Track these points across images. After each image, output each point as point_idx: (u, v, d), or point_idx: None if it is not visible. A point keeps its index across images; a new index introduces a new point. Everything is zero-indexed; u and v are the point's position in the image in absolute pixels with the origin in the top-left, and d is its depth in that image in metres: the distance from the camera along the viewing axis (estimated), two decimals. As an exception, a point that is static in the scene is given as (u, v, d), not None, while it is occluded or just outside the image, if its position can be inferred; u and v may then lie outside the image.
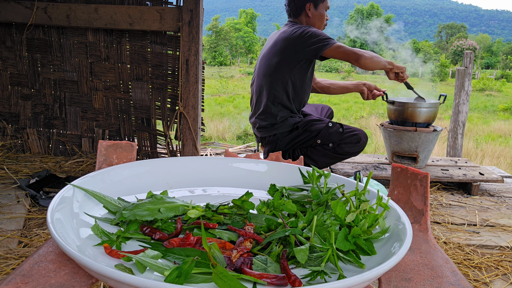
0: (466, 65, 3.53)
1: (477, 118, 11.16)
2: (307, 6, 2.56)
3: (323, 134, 2.53)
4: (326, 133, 2.53)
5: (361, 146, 2.59)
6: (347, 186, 0.88)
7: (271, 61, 2.55)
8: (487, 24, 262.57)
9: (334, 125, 2.55)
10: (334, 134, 2.53)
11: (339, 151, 2.56)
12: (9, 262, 1.61)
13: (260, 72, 2.63)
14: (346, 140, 2.55)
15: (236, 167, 1.02)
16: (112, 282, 0.52)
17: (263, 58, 2.64)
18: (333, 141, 2.54)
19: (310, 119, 2.59)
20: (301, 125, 2.57)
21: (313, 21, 2.60)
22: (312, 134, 2.55)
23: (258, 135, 2.71)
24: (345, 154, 2.59)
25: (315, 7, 2.58)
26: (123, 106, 3.01)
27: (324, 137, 2.53)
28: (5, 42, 3.00)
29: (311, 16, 2.58)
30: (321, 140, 2.54)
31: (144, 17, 2.75)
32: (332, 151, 2.57)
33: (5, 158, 2.95)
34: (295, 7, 2.59)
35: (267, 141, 2.68)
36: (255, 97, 2.70)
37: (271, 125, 2.61)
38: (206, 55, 44.87)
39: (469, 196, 2.74)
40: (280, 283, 0.56)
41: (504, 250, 1.97)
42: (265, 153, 2.74)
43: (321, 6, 2.59)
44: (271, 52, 2.57)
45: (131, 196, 0.87)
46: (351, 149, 2.58)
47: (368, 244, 0.67)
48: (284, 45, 2.49)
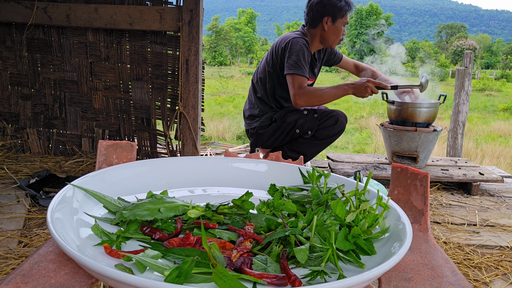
0: (466, 65, 3.53)
1: (477, 118, 11.16)
2: (324, 19, 2.54)
3: (300, 123, 2.57)
4: (303, 121, 2.56)
5: (340, 126, 2.61)
6: (347, 186, 0.88)
7: (267, 58, 2.69)
8: (487, 24, 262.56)
9: (309, 112, 2.58)
10: (310, 121, 2.57)
11: (319, 136, 2.60)
12: (9, 262, 1.61)
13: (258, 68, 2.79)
14: (324, 124, 2.59)
15: (236, 167, 1.02)
16: (112, 282, 0.52)
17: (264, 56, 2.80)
18: (311, 128, 2.57)
19: (285, 110, 2.64)
20: (278, 117, 2.63)
21: (328, 35, 2.58)
22: (290, 126, 2.60)
23: (245, 127, 2.82)
24: (327, 138, 2.63)
25: (332, 22, 2.55)
26: (123, 106, 3.01)
27: (301, 126, 2.57)
28: (5, 42, 3.00)
29: (326, 29, 2.56)
30: (300, 130, 2.58)
31: (144, 17, 2.75)
32: (313, 139, 2.61)
33: (5, 158, 2.95)
34: (313, 17, 2.57)
35: (250, 133, 2.77)
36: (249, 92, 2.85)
37: (252, 117, 2.71)
38: (206, 55, 44.86)
39: (469, 196, 2.74)
40: (280, 283, 0.56)
41: (504, 250, 1.97)
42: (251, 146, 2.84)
43: (339, 21, 2.56)
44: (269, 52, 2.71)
45: (131, 196, 0.87)
46: (331, 131, 2.60)
47: (368, 244, 0.67)
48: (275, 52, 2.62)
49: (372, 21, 49.55)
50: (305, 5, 2.65)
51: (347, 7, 2.54)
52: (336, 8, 2.51)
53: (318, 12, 2.53)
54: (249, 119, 2.75)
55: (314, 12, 2.55)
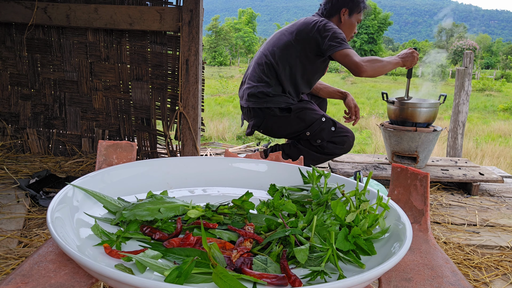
0: (466, 65, 3.53)
1: (477, 118, 11.16)
2: (342, 10, 2.54)
3: (315, 128, 2.47)
4: (318, 127, 2.47)
5: (348, 149, 2.57)
6: (347, 186, 0.88)
7: (286, 37, 2.52)
8: (487, 24, 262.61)
9: (328, 121, 2.50)
10: (326, 131, 2.49)
11: (325, 149, 2.52)
12: (9, 262, 1.61)
13: (270, 42, 2.59)
14: (335, 139, 2.52)
15: (236, 167, 1.02)
16: (112, 282, 0.52)
17: (278, 32, 2.61)
18: (322, 138, 2.49)
19: (305, 106, 2.52)
20: (295, 109, 2.48)
21: (343, 28, 2.57)
22: (303, 124, 2.48)
23: (245, 105, 2.57)
24: (331, 155, 2.56)
25: (349, 14, 2.55)
26: (123, 106, 3.01)
27: (314, 130, 2.48)
28: (5, 42, 3.00)
29: (343, 21, 2.55)
30: (310, 133, 2.48)
31: (144, 17, 2.75)
32: (317, 147, 2.52)
33: (5, 158, 2.95)
34: (332, 8, 2.55)
35: (254, 113, 2.54)
36: (253, 64, 2.62)
37: (264, 96, 2.48)
38: (206, 55, 44.86)
39: (469, 196, 2.74)
40: (280, 283, 0.56)
41: (504, 250, 1.97)
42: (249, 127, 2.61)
43: (355, 16, 2.56)
44: (289, 29, 2.54)
45: (131, 196, 0.87)
46: (337, 150, 2.55)
47: (368, 244, 0.67)
48: (303, 27, 2.47)
49: (371, 20, 49.48)
50: None
51: (363, 4, 2.57)
52: (355, 2, 2.53)
53: (338, 3, 2.53)
54: (257, 97, 2.49)
55: (334, 2, 2.54)
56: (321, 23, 2.43)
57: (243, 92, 2.60)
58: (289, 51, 2.48)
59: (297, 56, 2.48)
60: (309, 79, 2.58)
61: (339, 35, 2.37)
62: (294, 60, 2.48)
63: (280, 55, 2.49)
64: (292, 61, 2.48)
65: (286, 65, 2.48)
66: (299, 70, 2.50)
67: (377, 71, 2.38)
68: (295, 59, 2.48)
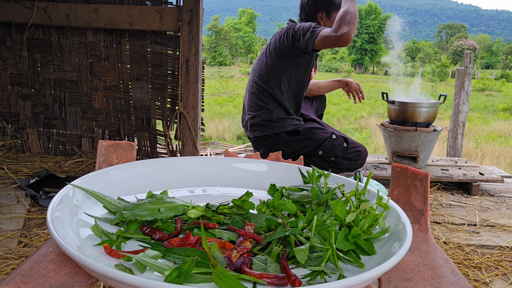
0: (466, 65, 3.53)
1: (477, 118, 11.16)
2: (319, 15, 2.48)
3: (326, 146, 2.43)
4: (330, 145, 2.43)
5: (360, 165, 2.53)
6: (347, 186, 0.88)
7: (267, 58, 2.49)
8: (487, 24, 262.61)
9: (338, 138, 2.46)
10: (338, 148, 2.44)
11: (338, 165, 2.48)
12: (9, 262, 1.61)
13: (256, 68, 2.57)
14: (349, 156, 2.48)
15: (236, 167, 1.02)
16: (112, 282, 0.52)
17: (260, 54, 2.59)
18: (335, 155, 2.44)
19: (311, 126, 2.48)
20: (302, 131, 2.44)
21: None
22: (314, 144, 2.44)
23: (251, 135, 2.56)
24: (342, 170, 2.52)
25: (327, 16, 2.47)
26: (123, 106, 3.01)
27: (326, 149, 2.43)
28: (5, 42, 3.00)
29: (323, 25, 2.47)
30: (323, 152, 2.44)
31: (144, 17, 2.75)
32: (331, 164, 2.48)
33: (5, 158, 2.95)
34: (307, 16, 2.50)
35: (261, 142, 2.52)
36: (247, 94, 2.60)
37: (268, 123, 2.47)
38: (206, 55, 44.87)
39: (469, 196, 2.74)
40: (280, 283, 0.56)
41: (504, 250, 1.97)
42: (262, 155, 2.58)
43: (334, 14, 2.46)
44: (267, 49, 2.52)
45: (131, 196, 0.87)
46: (351, 166, 2.51)
47: (368, 244, 0.67)
48: (278, 44, 2.43)
49: (371, 20, 49.48)
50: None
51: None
52: (329, 2, 2.45)
53: (312, 10, 2.47)
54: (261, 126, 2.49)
55: (307, 11, 2.49)
56: (291, 28, 2.37)
57: (246, 123, 2.58)
58: (276, 71, 2.45)
59: (285, 70, 2.44)
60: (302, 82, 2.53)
61: (307, 27, 2.27)
62: (283, 75, 2.45)
63: (268, 78, 2.46)
64: (282, 77, 2.45)
65: (278, 84, 2.46)
66: (292, 81, 2.49)
67: (351, 22, 2.14)
68: (284, 75, 2.45)
